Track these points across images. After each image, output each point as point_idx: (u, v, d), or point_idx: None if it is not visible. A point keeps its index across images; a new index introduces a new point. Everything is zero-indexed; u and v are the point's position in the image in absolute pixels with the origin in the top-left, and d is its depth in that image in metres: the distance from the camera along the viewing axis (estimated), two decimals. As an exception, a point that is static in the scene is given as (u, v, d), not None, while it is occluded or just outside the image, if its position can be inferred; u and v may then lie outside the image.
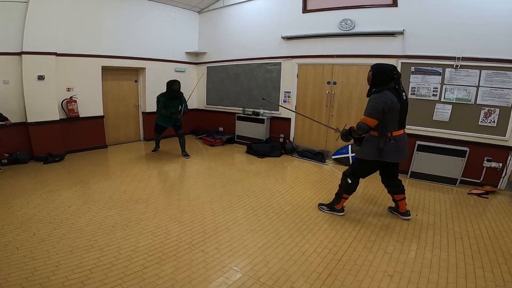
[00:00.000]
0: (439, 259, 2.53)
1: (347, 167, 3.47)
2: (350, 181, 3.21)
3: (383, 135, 2.92)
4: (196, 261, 2.44)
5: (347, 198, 3.35)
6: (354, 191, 3.30)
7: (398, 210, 3.35)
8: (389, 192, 3.35)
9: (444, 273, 2.34)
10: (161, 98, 5.47)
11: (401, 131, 3.00)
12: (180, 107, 5.53)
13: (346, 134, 3.16)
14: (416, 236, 2.95)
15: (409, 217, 3.30)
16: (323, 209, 3.50)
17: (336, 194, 3.39)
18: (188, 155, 5.85)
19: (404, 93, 2.95)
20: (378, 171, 3.29)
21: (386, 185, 3.33)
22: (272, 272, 2.32)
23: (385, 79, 2.86)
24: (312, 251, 2.63)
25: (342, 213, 3.40)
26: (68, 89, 5.62)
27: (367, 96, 3.02)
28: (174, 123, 5.65)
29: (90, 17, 5.76)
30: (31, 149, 5.16)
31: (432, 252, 2.66)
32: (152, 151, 6.09)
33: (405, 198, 3.31)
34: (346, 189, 3.26)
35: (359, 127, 2.94)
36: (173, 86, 5.38)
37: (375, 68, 2.96)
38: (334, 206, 3.41)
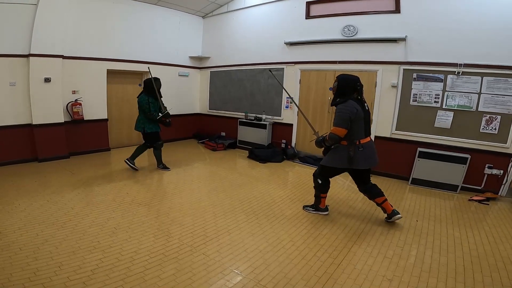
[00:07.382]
0: (439, 264, 2.54)
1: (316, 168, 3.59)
2: (320, 182, 3.40)
3: (352, 143, 3.05)
4: (197, 263, 2.46)
5: (325, 197, 3.52)
6: (328, 190, 3.48)
7: (388, 214, 3.29)
8: (370, 199, 3.35)
9: (443, 278, 2.34)
10: (149, 100, 4.68)
11: (368, 139, 3.14)
12: (164, 109, 4.80)
13: (321, 142, 3.30)
14: (415, 241, 2.96)
15: (399, 215, 3.24)
16: (308, 210, 3.63)
17: (314, 196, 3.57)
18: (168, 168, 5.19)
19: (365, 104, 3.17)
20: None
21: (364, 192, 3.35)
22: (272, 275, 2.33)
23: (348, 89, 3.06)
24: (312, 255, 2.65)
25: (326, 212, 3.56)
26: (74, 92, 5.69)
27: (331, 105, 3.26)
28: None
29: (97, 21, 5.85)
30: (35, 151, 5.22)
31: (431, 257, 2.67)
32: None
33: (386, 199, 3.28)
34: (319, 189, 3.45)
35: (331, 138, 3.07)
36: (158, 83, 4.76)
37: (341, 79, 3.12)
38: (318, 206, 3.56)
